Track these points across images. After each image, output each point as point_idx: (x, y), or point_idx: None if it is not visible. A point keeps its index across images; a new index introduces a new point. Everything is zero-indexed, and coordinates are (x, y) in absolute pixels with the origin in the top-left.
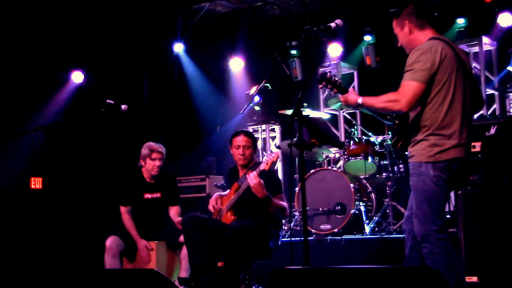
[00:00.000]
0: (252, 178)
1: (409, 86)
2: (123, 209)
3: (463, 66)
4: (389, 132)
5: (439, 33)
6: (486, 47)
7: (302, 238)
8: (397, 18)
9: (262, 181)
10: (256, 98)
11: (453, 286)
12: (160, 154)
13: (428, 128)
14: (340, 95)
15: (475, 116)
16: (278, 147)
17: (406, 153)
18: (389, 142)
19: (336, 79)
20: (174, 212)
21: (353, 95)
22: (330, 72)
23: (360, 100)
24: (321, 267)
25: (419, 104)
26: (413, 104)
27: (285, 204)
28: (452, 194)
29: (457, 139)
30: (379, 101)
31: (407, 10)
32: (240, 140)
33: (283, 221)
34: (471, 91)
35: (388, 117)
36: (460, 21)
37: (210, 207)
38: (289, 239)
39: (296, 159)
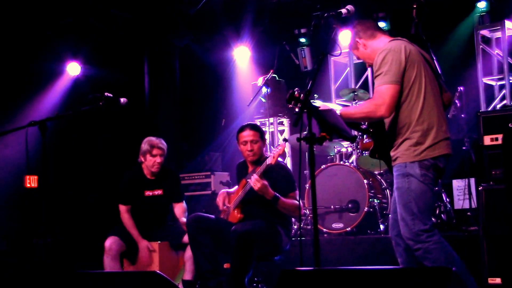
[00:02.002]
0: (255, 182)
1: (384, 90)
2: (122, 208)
3: (427, 61)
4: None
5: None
6: (509, 32)
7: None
8: (352, 43)
9: (265, 182)
10: (264, 90)
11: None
12: (161, 150)
13: (407, 127)
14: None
15: (498, 106)
16: (285, 139)
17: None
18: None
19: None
20: (179, 210)
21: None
22: (297, 90)
23: (338, 112)
24: (332, 268)
25: None
26: (393, 108)
27: (299, 201)
28: (473, 190)
29: (438, 132)
30: (358, 111)
31: (353, 32)
32: (247, 135)
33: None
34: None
35: (362, 126)
36: (481, 5)
37: (220, 207)
38: (298, 238)
39: (306, 153)
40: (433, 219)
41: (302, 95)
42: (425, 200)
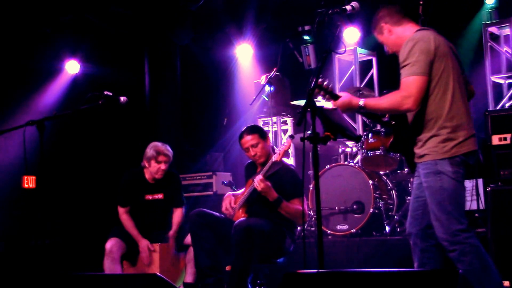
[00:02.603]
0: (258, 182)
1: (411, 82)
2: (121, 210)
3: (455, 54)
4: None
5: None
6: None
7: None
8: (375, 27)
9: (268, 183)
10: (267, 88)
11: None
12: (167, 157)
13: (434, 122)
14: (333, 102)
15: (507, 105)
16: (291, 136)
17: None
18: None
19: (329, 86)
20: (176, 217)
21: (353, 99)
22: (322, 78)
23: (361, 102)
24: (336, 271)
25: None
26: (420, 100)
27: (305, 207)
28: (481, 191)
29: (467, 129)
30: (383, 103)
31: (378, 15)
32: (245, 141)
33: None
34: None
35: (383, 118)
36: (490, 1)
37: (224, 210)
38: (303, 240)
39: (310, 153)
40: None
41: (326, 84)
42: (459, 197)
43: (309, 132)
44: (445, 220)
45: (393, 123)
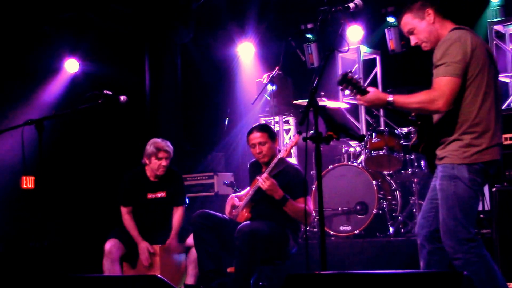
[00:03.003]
0: (264, 180)
1: (444, 83)
2: (123, 210)
3: (490, 57)
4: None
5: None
6: None
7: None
8: (414, 9)
9: (274, 181)
10: (269, 87)
11: None
12: (167, 153)
13: (460, 126)
14: (359, 97)
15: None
16: (299, 132)
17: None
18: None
19: (358, 79)
20: (176, 218)
21: (381, 94)
22: (351, 72)
23: (390, 98)
24: (339, 272)
25: None
26: (451, 103)
27: (309, 207)
28: (486, 191)
29: (493, 137)
30: (413, 101)
31: None
32: (254, 137)
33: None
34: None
35: (410, 117)
36: None
37: (227, 214)
38: (306, 241)
39: (313, 153)
40: None
41: (355, 78)
42: (471, 206)
43: (312, 131)
44: (453, 227)
45: (419, 123)
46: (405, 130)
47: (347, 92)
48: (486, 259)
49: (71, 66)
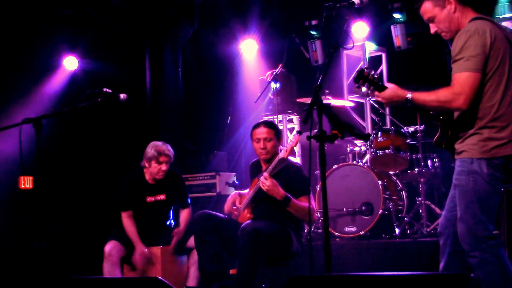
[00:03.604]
0: (264, 181)
1: (464, 78)
2: (123, 215)
3: (511, 44)
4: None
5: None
6: None
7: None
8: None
9: (275, 181)
10: (272, 85)
11: None
12: (168, 157)
13: (480, 120)
14: (377, 93)
15: None
16: (299, 132)
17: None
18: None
19: (375, 76)
20: (184, 215)
21: (399, 90)
22: (367, 68)
23: (409, 95)
24: (343, 274)
25: None
26: (472, 99)
27: (312, 205)
28: None
29: None
30: (432, 99)
31: None
32: (260, 132)
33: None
34: None
35: (431, 112)
36: None
37: (226, 209)
38: (309, 243)
39: (317, 153)
40: None
41: (371, 74)
42: (490, 203)
43: (316, 130)
44: (472, 224)
45: (441, 118)
46: (411, 128)
47: (363, 89)
48: (503, 260)
49: (70, 63)
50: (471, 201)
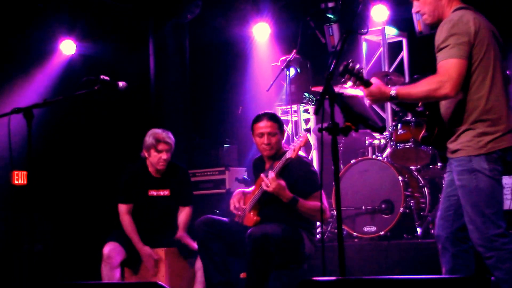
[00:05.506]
0: (270, 182)
1: (450, 65)
2: (122, 208)
3: (495, 37)
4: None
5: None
6: None
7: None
8: None
9: (282, 182)
10: (292, 71)
11: None
12: (168, 145)
13: (469, 114)
14: (363, 89)
15: None
16: (306, 130)
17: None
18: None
19: (360, 70)
20: (183, 217)
21: (383, 87)
22: (352, 61)
23: (393, 91)
24: (358, 278)
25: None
26: (460, 86)
27: (324, 203)
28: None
29: (506, 122)
30: (418, 90)
31: None
32: (263, 126)
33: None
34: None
35: (417, 108)
36: None
37: (232, 208)
38: (322, 244)
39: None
40: None
41: (357, 68)
42: (497, 198)
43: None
44: (481, 224)
45: (427, 113)
46: None
47: (349, 83)
48: None
49: (67, 47)
50: (478, 200)
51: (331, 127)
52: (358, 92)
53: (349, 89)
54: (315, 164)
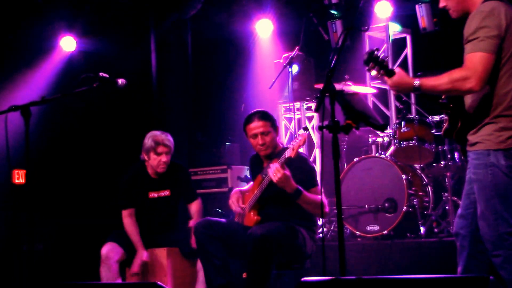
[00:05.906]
0: (275, 172)
1: (477, 59)
2: (124, 213)
3: None
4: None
5: None
6: None
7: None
8: None
9: (287, 172)
10: (295, 68)
11: None
12: (167, 147)
13: (494, 108)
14: (386, 79)
15: None
16: (305, 128)
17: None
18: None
19: (386, 58)
20: (194, 207)
21: (406, 77)
22: (378, 49)
23: (417, 82)
24: (359, 278)
25: None
26: (485, 80)
27: (323, 198)
28: None
29: None
30: (442, 82)
31: None
32: (255, 126)
33: (319, 222)
34: None
35: (440, 100)
36: None
37: (234, 209)
38: (322, 243)
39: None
40: None
41: (381, 57)
42: (511, 196)
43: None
44: (493, 221)
45: (451, 106)
46: (436, 118)
47: (373, 72)
48: None
49: (67, 44)
50: (491, 196)
51: (332, 125)
52: (367, 89)
53: (351, 86)
54: (318, 164)
